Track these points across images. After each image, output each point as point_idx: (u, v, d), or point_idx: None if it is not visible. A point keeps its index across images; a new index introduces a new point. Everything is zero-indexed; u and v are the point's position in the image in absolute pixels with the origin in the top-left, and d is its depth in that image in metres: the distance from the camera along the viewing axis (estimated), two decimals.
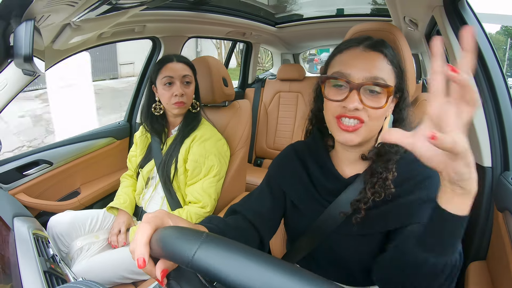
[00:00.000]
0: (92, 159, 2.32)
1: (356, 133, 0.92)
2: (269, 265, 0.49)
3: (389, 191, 0.93)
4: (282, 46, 4.27)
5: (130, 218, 1.81)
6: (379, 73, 0.91)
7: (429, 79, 0.55)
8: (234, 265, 0.50)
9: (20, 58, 0.90)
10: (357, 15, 3.27)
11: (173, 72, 1.73)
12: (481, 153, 1.31)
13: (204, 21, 2.59)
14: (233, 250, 0.52)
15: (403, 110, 1.00)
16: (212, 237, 0.55)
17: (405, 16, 2.06)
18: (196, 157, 1.72)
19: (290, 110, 3.73)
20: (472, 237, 1.33)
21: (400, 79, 0.97)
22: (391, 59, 0.95)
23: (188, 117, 1.83)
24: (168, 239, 0.57)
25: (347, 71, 0.92)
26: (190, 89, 1.77)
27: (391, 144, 0.95)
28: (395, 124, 0.99)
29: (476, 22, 1.38)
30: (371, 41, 0.97)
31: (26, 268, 0.96)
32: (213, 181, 1.75)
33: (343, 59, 0.97)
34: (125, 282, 1.61)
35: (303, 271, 0.49)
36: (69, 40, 1.59)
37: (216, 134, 1.83)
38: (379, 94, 0.90)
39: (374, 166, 0.97)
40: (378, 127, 0.96)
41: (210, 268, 0.51)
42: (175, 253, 0.55)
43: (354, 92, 0.90)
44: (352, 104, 0.89)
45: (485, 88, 1.31)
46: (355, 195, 0.99)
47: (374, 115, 0.91)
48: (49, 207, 2.02)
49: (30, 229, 1.18)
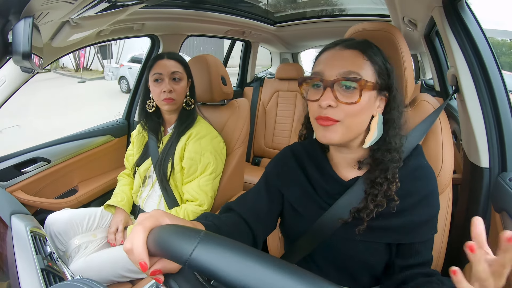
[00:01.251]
0: (90, 157, 2.32)
1: (332, 130, 0.91)
2: (267, 263, 0.49)
3: (393, 203, 0.93)
4: (281, 45, 4.26)
5: (128, 216, 1.82)
6: (353, 68, 0.90)
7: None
8: (232, 263, 0.50)
9: (19, 55, 0.89)
10: (357, 15, 3.27)
11: (163, 69, 1.73)
12: (479, 154, 1.32)
13: (203, 19, 2.59)
14: (231, 249, 0.52)
15: (393, 110, 0.98)
16: (210, 235, 0.55)
17: (404, 17, 2.07)
18: (192, 154, 1.72)
19: (288, 109, 3.73)
20: (468, 238, 1.33)
21: (385, 76, 0.96)
22: (371, 56, 0.94)
23: (183, 115, 1.83)
24: (166, 238, 0.57)
25: (321, 70, 0.93)
26: (179, 85, 1.76)
27: (384, 153, 0.95)
28: (385, 126, 0.98)
29: (475, 22, 1.38)
30: (350, 41, 0.97)
31: (24, 266, 0.96)
32: (209, 178, 1.75)
33: (321, 59, 0.98)
34: (123, 281, 1.60)
35: (300, 269, 0.49)
36: (68, 38, 1.58)
37: (212, 132, 1.83)
38: (354, 89, 0.90)
39: (373, 176, 0.97)
40: (359, 125, 0.94)
41: (208, 266, 0.51)
42: (172, 251, 0.55)
43: (328, 90, 0.90)
44: (324, 102, 0.89)
45: (483, 90, 1.31)
46: (355, 198, 0.98)
47: (351, 111, 0.90)
48: (46, 205, 2.02)
49: (28, 227, 1.18)
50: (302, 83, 0.98)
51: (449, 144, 1.15)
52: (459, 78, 1.35)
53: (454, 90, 1.46)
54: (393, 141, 0.96)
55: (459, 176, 1.60)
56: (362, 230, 0.95)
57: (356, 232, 0.96)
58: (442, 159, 1.13)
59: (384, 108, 0.99)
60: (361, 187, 0.99)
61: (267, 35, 3.73)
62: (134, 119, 2.63)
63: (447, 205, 1.15)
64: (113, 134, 2.49)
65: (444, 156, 1.13)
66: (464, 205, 1.44)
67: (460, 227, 1.43)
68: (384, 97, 0.97)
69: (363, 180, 0.99)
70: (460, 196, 1.53)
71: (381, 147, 0.96)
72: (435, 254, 1.14)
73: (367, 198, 0.96)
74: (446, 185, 1.14)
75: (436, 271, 0.97)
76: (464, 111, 1.37)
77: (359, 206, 0.97)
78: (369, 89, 0.91)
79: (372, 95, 0.92)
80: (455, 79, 1.40)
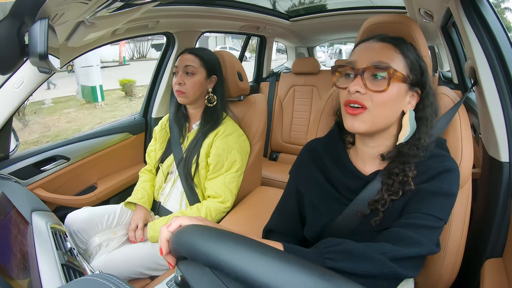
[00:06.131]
0: (108, 154, 2.35)
1: (360, 119, 0.93)
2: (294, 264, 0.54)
3: (409, 187, 0.94)
4: (296, 39, 4.24)
5: (148, 213, 1.81)
6: (383, 59, 0.93)
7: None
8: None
9: (36, 56, 0.90)
10: (372, 7, 3.23)
11: (179, 62, 1.76)
12: (499, 147, 1.28)
13: (217, 15, 2.58)
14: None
15: (427, 108, 0.99)
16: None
17: (420, 8, 2.02)
18: (219, 151, 1.72)
19: (305, 104, 3.70)
20: (488, 234, 1.31)
21: (418, 73, 0.97)
22: (404, 51, 0.96)
23: (207, 112, 1.83)
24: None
25: (354, 60, 0.96)
26: (191, 79, 1.75)
27: (411, 147, 0.95)
28: (418, 123, 0.98)
29: (493, 13, 1.35)
30: (384, 36, 0.99)
31: (44, 262, 0.98)
32: (235, 176, 1.75)
33: (354, 51, 1.01)
34: (142, 277, 1.62)
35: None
36: (84, 37, 1.60)
37: (238, 130, 1.83)
38: (383, 79, 0.91)
39: (390, 166, 0.97)
40: (386, 116, 0.95)
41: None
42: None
43: (358, 77, 0.93)
44: (353, 87, 0.92)
45: (502, 82, 1.27)
46: (373, 191, 0.99)
47: (379, 100, 0.91)
48: (66, 202, 2.06)
49: (48, 223, 1.20)
50: (335, 71, 1.02)
51: (468, 138, 1.12)
52: (477, 70, 1.32)
53: (473, 83, 1.43)
54: (423, 138, 0.96)
55: (478, 171, 1.57)
56: (378, 221, 0.95)
57: (372, 223, 0.96)
58: (461, 153, 1.10)
59: (417, 105, 0.99)
60: (380, 179, 0.99)
61: (282, 29, 3.71)
62: (152, 116, 2.66)
63: (466, 200, 1.13)
64: (130, 131, 2.52)
65: (463, 150, 1.11)
66: (483, 200, 1.41)
67: (479, 222, 1.40)
68: (416, 93, 0.98)
69: (382, 173, 1.00)
70: (479, 191, 1.50)
71: (409, 142, 0.97)
72: (454, 249, 1.12)
73: (382, 188, 0.97)
74: (465, 180, 1.11)
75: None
76: (483, 104, 1.34)
77: (376, 197, 0.97)
78: (398, 80, 0.92)
79: (401, 88, 0.94)
80: (473, 72, 1.37)
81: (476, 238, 1.35)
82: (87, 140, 2.25)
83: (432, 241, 0.89)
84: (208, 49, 1.91)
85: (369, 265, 0.80)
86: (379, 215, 0.95)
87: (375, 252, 0.82)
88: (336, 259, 0.81)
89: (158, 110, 2.66)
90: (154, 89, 2.68)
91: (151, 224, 1.67)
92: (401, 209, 0.95)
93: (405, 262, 0.84)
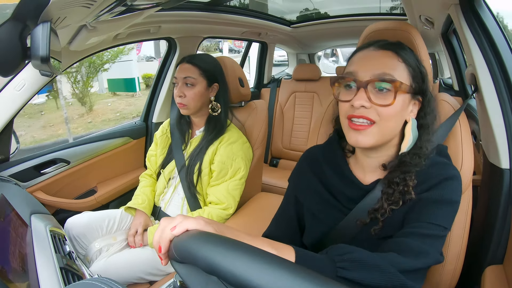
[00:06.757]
0: (109, 159, 2.35)
1: (366, 134, 0.90)
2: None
3: (409, 196, 0.92)
4: (297, 46, 4.25)
5: (148, 218, 1.81)
6: (387, 70, 0.89)
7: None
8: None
9: (37, 60, 0.91)
10: (373, 14, 3.24)
11: (178, 73, 1.74)
12: (499, 154, 1.28)
13: (219, 21, 2.59)
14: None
15: (428, 115, 0.97)
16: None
17: (421, 15, 2.04)
18: (224, 158, 1.71)
19: (306, 110, 3.70)
20: (488, 241, 1.31)
21: (419, 80, 0.95)
22: (405, 59, 0.93)
23: (210, 121, 1.81)
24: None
25: (355, 71, 0.92)
26: (191, 91, 1.72)
27: (413, 156, 0.94)
28: (420, 131, 0.97)
29: (493, 20, 1.35)
30: (383, 42, 0.96)
31: (43, 265, 0.98)
32: (238, 183, 1.74)
33: (354, 60, 0.97)
34: (141, 282, 1.62)
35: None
36: (86, 41, 1.61)
37: (242, 137, 1.82)
38: (389, 92, 0.88)
39: (391, 175, 0.96)
40: (392, 129, 0.93)
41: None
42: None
43: (362, 90, 0.89)
44: (358, 102, 0.88)
45: (503, 89, 1.27)
46: (373, 200, 0.97)
47: (385, 113, 0.89)
48: (66, 205, 2.05)
49: (47, 226, 1.20)
50: (334, 82, 0.98)
51: (468, 145, 1.12)
52: (478, 77, 1.32)
53: (474, 90, 1.43)
54: (424, 146, 0.95)
55: (479, 178, 1.56)
56: (377, 230, 0.94)
57: (372, 232, 0.95)
58: (461, 160, 1.10)
59: (418, 113, 0.98)
60: (380, 188, 0.98)
61: (283, 36, 3.72)
62: (153, 121, 2.66)
63: (467, 206, 1.12)
64: (131, 135, 2.52)
65: (463, 157, 1.10)
66: (484, 207, 1.41)
67: (480, 229, 1.40)
68: (417, 101, 0.97)
69: (382, 182, 0.98)
70: (479, 198, 1.50)
71: (411, 151, 0.95)
72: (454, 256, 1.12)
73: (382, 197, 0.95)
74: (466, 187, 1.11)
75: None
76: (483, 110, 1.34)
77: (376, 206, 0.96)
78: (404, 92, 0.90)
79: (406, 98, 0.92)
80: (474, 78, 1.37)
81: (476, 245, 1.34)
82: (88, 144, 2.25)
83: (438, 250, 0.88)
84: (208, 56, 1.90)
85: (381, 276, 0.78)
86: (379, 224, 0.94)
87: (386, 263, 0.80)
88: (349, 268, 0.78)
89: (159, 115, 2.66)
90: (155, 94, 2.68)
91: (151, 229, 1.67)
92: (401, 218, 0.93)
93: (414, 274, 0.83)
